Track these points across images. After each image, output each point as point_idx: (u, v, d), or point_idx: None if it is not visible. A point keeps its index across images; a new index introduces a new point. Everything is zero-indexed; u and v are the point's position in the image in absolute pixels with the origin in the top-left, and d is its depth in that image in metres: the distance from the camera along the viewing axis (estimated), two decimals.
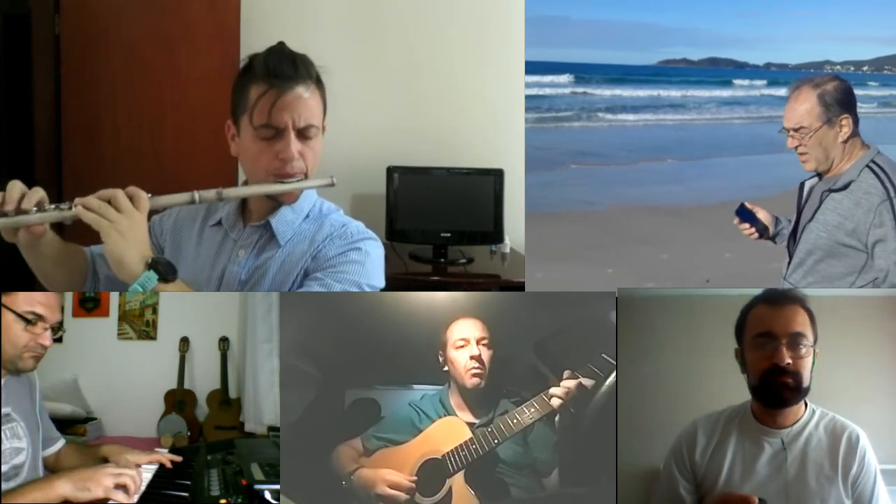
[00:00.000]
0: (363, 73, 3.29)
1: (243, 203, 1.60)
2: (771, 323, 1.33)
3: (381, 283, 1.55)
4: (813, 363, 1.31)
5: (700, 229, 4.65)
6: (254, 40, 2.94)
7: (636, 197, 5.84)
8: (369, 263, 1.52)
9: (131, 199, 1.35)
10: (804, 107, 1.78)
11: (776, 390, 1.32)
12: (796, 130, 1.79)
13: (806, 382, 1.32)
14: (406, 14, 3.34)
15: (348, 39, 3.29)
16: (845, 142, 1.77)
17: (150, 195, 1.38)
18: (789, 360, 1.31)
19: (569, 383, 1.39)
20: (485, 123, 3.36)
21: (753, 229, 1.98)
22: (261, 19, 3.11)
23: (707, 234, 4.41)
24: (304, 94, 1.46)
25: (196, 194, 1.43)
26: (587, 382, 1.38)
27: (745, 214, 1.98)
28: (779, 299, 1.36)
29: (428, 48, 3.35)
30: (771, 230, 1.98)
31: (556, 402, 1.39)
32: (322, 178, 1.52)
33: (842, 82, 1.78)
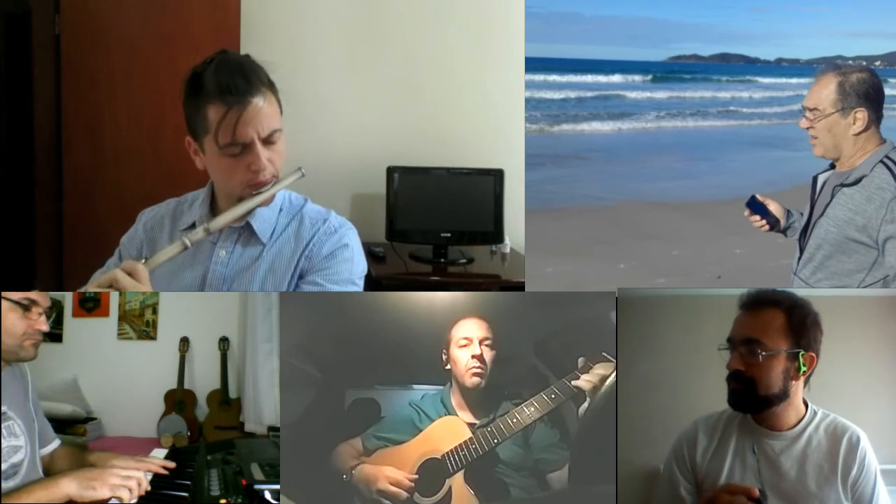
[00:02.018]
0: (363, 72, 3.28)
1: (214, 204, 1.61)
2: (734, 327, 1.32)
3: (365, 267, 1.63)
4: (800, 367, 1.29)
5: (710, 225, 4.63)
6: (254, 40, 2.97)
7: (646, 193, 5.82)
8: (356, 256, 1.61)
9: (130, 274, 1.37)
10: (823, 90, 1.76)
11: (730, 396, 1.31)
12: (811, 111, 1.78)
13: (770, 389, 1.29)
14: (406, 14, 3.33)
15: (348, 39, 3.29)
16: (858, 135, 1.75)
17: (143, 260, 1.41)
18: (739, 367, 1.29)
19: (602, 369, 1.39)
20: (485, 123, 3.35)
21: (764, 221, 1.95)
22: (261, 19, 3.11)
23: (718, 230, 4.40)
24: (262, 103, 1.47)
25: (187, 240, 1.46)
26: (608, 368, 1.39)
27: (755, 206, 1.96)
28: (751, 303, 1.33)
29: (428, 48, 3.35)
30: (782, 223, 1.96)
31: (587, 385, 1.38)
32: (292, 174, 1.54)
33: (870, 76, 1.75)
